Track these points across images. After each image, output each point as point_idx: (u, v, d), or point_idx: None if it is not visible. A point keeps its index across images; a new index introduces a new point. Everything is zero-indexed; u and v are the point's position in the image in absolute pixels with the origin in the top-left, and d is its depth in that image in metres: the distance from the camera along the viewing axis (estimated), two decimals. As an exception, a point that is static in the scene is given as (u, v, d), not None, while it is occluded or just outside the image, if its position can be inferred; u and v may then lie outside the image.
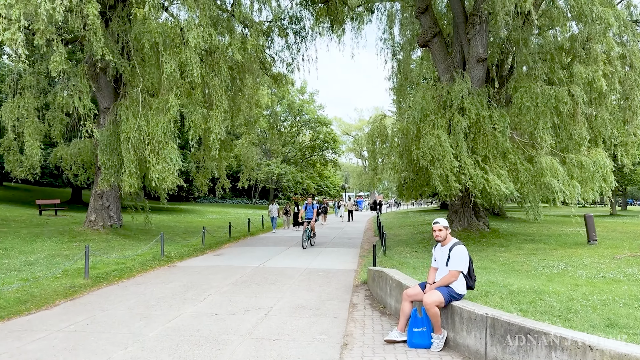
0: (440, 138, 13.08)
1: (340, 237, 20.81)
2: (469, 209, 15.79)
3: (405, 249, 14.80)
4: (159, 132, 14.22)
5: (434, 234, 5.98)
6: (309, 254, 14.58)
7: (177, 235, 18.83)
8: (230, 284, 9.61)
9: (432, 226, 6.05)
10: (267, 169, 45.43)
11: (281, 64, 23.43)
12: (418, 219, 32.84)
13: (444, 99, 14.37)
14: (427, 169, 14.07)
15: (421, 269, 10.68)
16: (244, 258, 13.68)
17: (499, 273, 9.44)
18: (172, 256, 13.56)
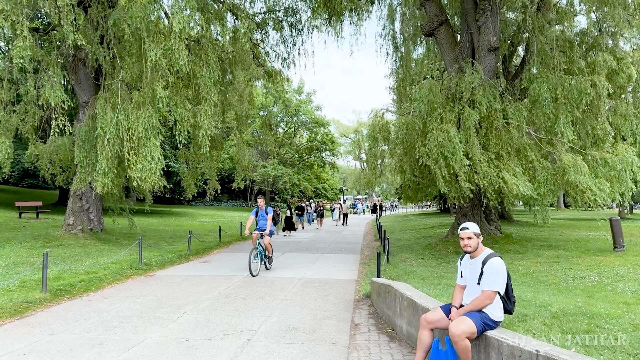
0: (450, 133, 11.80)
1: (339, 241, 19.49)
2: (479, 211, 14.49)
3: (410, 255, 13.49)
4: (140, 127, 12.93)
5: (462, 243, 4.66)
6: (303, 261, 13.26)
7: (163, 240, 17.48)
8: (211, 299, 8.27)
9: (460, 233, 4.72)
10: (263, 170, 44.08)
11: (276, 59, 22.09)
12: (419, 222, 31.54)
13: (453, 91, 13.10)
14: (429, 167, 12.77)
15: (431, 279, 9.38)
16: (232, 266, 12.35)
17: (525, 286, 8.12)
18: (152, 264, 12.21)
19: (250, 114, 16.68)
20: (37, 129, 15.66)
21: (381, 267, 11.38)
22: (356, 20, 22.37)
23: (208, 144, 13.21)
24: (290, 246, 17.28)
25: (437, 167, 12.12)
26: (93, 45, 14.10)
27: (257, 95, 25.23)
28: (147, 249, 14.45)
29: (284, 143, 50.45)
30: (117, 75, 14.09)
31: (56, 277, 9.75)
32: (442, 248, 13.70)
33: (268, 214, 11.95)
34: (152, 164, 12.55)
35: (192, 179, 18.42)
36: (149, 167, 12.55)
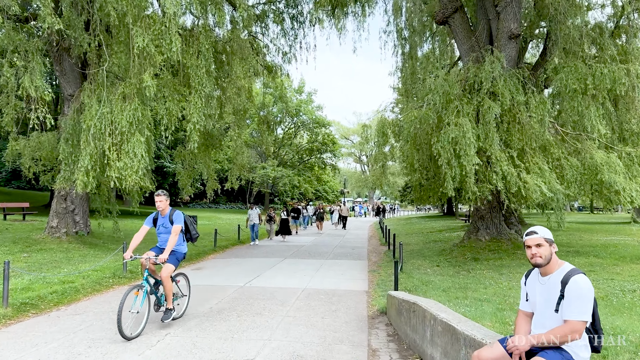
0: (464, 128, 10.61)
1: (343, 246, 18.28)
2: (498, 214, 13.29)
3: (423, 262, 12.28)
4: (124, 121, 11.77)
5: (529, 253, 3.43)
6: (307, 268, 12.05)
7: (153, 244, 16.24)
8: (201, 315, 7.07)
9: (525, 240, 3.49)
10: (262, 172, 42.87)
11: (276, 53, 20.95)
12: (424, 225, 30.35)
13: (471, 82, 11.94)
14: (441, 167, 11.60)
15: (453, 291, 8.19)
16: (227, 274, 11.14)
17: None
18: (138, 271, 10.99)
19: (248, 108, 15.54)
20: (17, 123, 14.45)
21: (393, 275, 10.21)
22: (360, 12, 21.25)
23: (196, 139, 12.02)
24: (291, 251, 16.08)
25: (447, 167, 10.94)
26: (77, 31, 12.93)
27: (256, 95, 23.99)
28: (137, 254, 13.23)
29: (284, 144, 49.27)
30: (103, 65, 12.94)
31: (26, 287, 8.55)
32: (458, 254, 12.51)
33: (175, 223, 6.47)
34: (134, 161, 11.36)
35: (188, 179, 17.22)
36: (130, 164, 11.35)
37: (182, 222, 6.60)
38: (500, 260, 11.44)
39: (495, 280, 9.28)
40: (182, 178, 17.22)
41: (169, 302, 6.41)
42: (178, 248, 6.68)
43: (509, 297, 7.66)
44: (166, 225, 6.65)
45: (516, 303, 7.08)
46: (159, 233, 6.84)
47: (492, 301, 7.26)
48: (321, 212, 27.92)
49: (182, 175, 17.19)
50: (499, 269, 10.50)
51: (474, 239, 13.30)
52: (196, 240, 7.12)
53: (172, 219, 6.56)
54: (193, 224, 7.09)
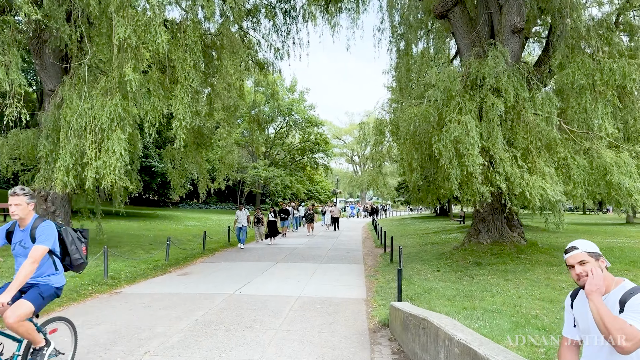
0: (467, 126, 10.05)
1: (336, 248, 17.66)
2: (500, 217, 12.75)
3: (422, 267, 11.69)
4: (104, 117, 11.05)
5: (573, 274, 2.76)
6: (300, 273, 11.42)
7: (141, 247, 15.52)
8: (184, 329, 6.40)
9: (566, 258, 2.82)
10: (253, 172, 42.14)
11: (268, 49, 20.29)
12: (418, 226, 29.85)
13: (473, 77, 11.37)
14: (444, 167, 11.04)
15: (459, 300, 7.60)
16: (215, 280, 10.47)
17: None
18: (120, 277, 10.30)
19: (239, 105, 14.88)
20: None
21: (394, 282, 9.60)
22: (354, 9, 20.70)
23: (183, 136, 11.31)
24: (283, 254, 15.42)
25: (450, 167, 10.36)
26: (58, 22, 12.18)
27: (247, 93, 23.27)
28: (119, 259, 12.53)
29: (276, 143, 48.59)
30: (84, 58, 12.21)
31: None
32: (460, 258, 11.93)
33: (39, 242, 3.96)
34: (113, 159, 10.64)
35: (180, 179, 16.50)
36: (108, 163, 10.64)
37: (51, 241, 4.04)
38: (504, 265, 10.88)
39: (502, 288, 8.70)
40: (174, 178, 16.48)
41: (37, 341, 4.06)
42: (47, 280, 4.17)
43: (521, 307, 7.08)
44: (25, 244, 4.04)
45: (531, 315, 6.50)
46: (16, 255, 4.10)
47: (504, 313, 6.67)
48: (312, 213, 26.16)
49: (174, 175, 16.46)
50: (503, 275, 9.93)
51: (474, 242, 12.74)
52: (82, 269, 4.62)
53: (35, 234, 4.02)
54: (77, 242, 4.53)
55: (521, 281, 9.22)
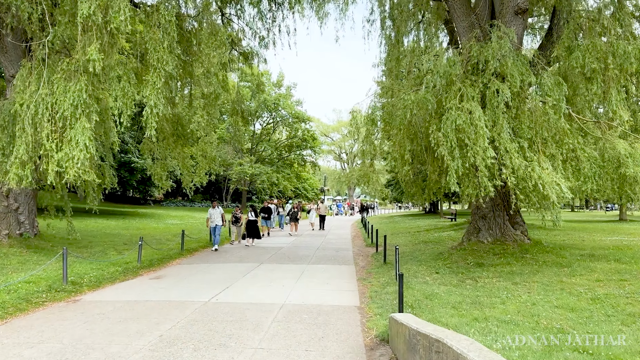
0: (473, 114, 9.12)
1: (325, 247, 16.63)
2: (502, 213, 11.81)
3: (419, 268, 10.71)
4: (67, 103, 9.88)
5: None
6: (285, 276, 10.38)
7: (114, 248, 14.34)
8: (144, 348, 5.32)
9: None
10: (239, 168, 40.88)
11: (253, 37, 19.13)
12: (408, 224, 28.96)
13: (474, 61, 10.41)
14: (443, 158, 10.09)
15: (467, 308, 6.65)
16: (190, 284, 9.38)
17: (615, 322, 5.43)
18: (82, 282, 9.16)
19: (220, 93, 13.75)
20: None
21: (390, 285, 8.61)
22: (342, 0, 19.65)
23: (154, 125, 10.18)
24: (268, 254, 14.36)
25: (450, 158, 9.39)
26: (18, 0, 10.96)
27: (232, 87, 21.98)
28: (85, 261, 11.38)
29: (262, 139, 47.37)
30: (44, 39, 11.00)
31: None
32: (459, 259, 10.98)
33: None
34: (76, 151, 9.49)
35: (162, 171, 15.26)
36: (71, 155, 9.48)
37: None
38: (508, 266, 9.95)
39: (511, 293, 7.76)
40: (156, 171, 15.23)
41: None
42: None
43: (540, 317, 6.13)
44: None
45: (556, 328, 5.55)
46: None
47: (522, 325, 5.71)
48: (296, 212, 23.40)
49: (155, 169, 15.20)
50: (510, 277, 9.00)
51: (474, 241, 11.81)
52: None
53: None
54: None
55: (531, 285, 8.29)
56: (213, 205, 15.95)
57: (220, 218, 15.61)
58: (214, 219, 15.61)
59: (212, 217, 15.62)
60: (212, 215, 15.66)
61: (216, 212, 15.64)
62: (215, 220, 15.58)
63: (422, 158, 11.58)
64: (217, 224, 15.54)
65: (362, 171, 12.03)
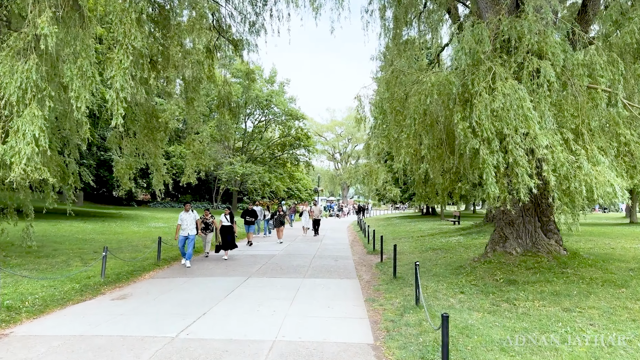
0: (518, 93, 7.37)
1: (322, 255, 14.83)
2: (532, 219, 10.07)
3: (438, 286, 8.92)
4: (13, 86, 8.06)
5: None
6: (277, 296, 8.56)
7: (80, 257, 12.44)
8: None
9: None
10: (229, 168, 38.98)
11: (242, 22, 17.28)
12: (409, 227, 27.20)
13: (505, 37, 8.65)
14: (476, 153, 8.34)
15: (519, 350, 4.89)
16: (159, 309, 7.53)
17: None
18: (22, 307, 7.29)
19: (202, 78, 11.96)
20: None
21: (409, 312, 6.83)
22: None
23: (121, 112, 8.32)
24: (258, 265, 12.53)
25: (487, 153, 7.64)
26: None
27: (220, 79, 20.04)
28: (39, 276, 9.48)
29: (254, 138, 45.46)
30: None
31: None
32: (485, 274, 9.22)
33: None
34: (22, 144, 7.66)
35: (127, 170, 13.35)
36: (17, 148, 7.66)
37: None
38: (549, 284, 8.20)
39: (568, 325, 6.01)
40: (120, 169, 13.27)
41: None
42: None
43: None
44: None
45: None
46: None
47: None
48: (281, 215, 20.00)
49: (120, 166, 13.25)
50: (556, 300, 7.26)
51: (500, 252, 10.06)
52: None
53: None
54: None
55: (589, 312, 6.55)
56: (186, 209, 12.65)
57: (194, 225, 12.56)
58: (185, 226, 12.39)
59: (184, 223, 12.42)
60: (183, 222, 12.44)
61: (189, 218, 12.51)
62: (187, 227, 12.39)
63: (439, 152, 9.81)
64: (190, 233, 12.34)
65: (368, 167, 10.22)
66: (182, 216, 12.46)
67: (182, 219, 12.44)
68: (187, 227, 12.34)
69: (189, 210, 12.59)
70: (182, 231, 12.32)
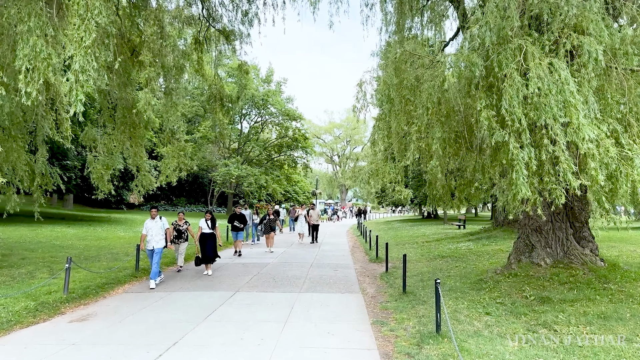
0: (559, 73, 6.08)
1: (320, 263, 13.48)
2: (564, 225, 8.74)
3: (458, 304, 7.57)
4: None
5: None
6: (267, 317, 7.22)
7: (49, 267, 11.08)
8: None
9: None
10: (224, 170, 37.58)
11: (234, 11, 15.99)
12: (412, 231, 25.83)
13: (534, 12, 7.34)
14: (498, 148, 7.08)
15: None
16: (123, 336, 6.18)
17: None
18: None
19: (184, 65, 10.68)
20: None
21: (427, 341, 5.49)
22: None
23: (81, 98, 6.96)
24: (248, 276, 11.18)
25: (516, 146, 6.35)
26: None
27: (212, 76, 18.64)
28: None
29: (250, 139, 44.09)
30: None
31: None
32: (512, 289, 7.88)
33: None
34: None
35: (105, 170, 11.95)
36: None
37: None
38: (592, 303, 6.87)
39: None
40: (95, 169, 11.85)
41: None
42: None
43: None
44: None
45: None
46: None
47: None
48: (271, 220, 17.16)
49: (95, 166, 11.82)
50: (607, 326, 5.94)
51: (527, 263, 8.72)
52: None
53: None
54: None
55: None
56: (152, 215, 10.15)
57: (162, 236, 10.09)
58: (152, 236, 9.98)
59: (150, 233, 9.99)
60: (149, 231, 9.99)
61: (156, 227, 10.02)
62: (153, 239, 9.97)
63: (455, 148, 8.49)
64: (156, 245, 9.92)
65: (374, 165, 8.88)
66: (147, 224, 10.08)
67: (147, 227, 10.05)
68: (153, 237, 9.95)
69: (156, 218, 10.14)
70: (147, 243, 10.01)
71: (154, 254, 9.85)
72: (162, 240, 10.05)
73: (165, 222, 10.26)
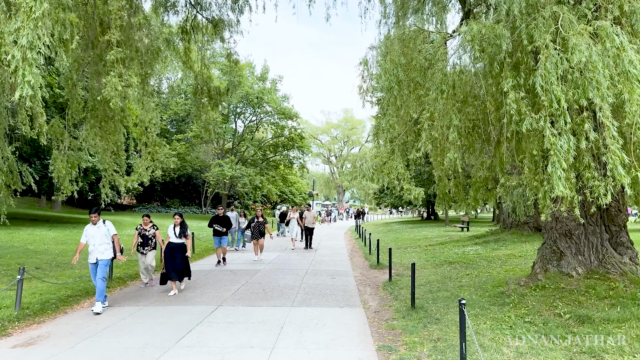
0: (612, 41, 4.93)
1: (316, 270, 12.28)
2: (598, 229, 7.56)
3: (479, 323, 6.35)
4: None
5: None
6: (251, 341, 6.01)
7: (12, 275, 9.81)
8: None
9: None
10: (217, 170, 36.36)
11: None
12: (413, 234, 24.63)
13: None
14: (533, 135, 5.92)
15: None
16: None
17: None
18: None
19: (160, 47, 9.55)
20: None
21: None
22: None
23: (30, 80, 5.76)
24: (235, 285, 9.98)
25: (554, 133, 5.20)
26: None
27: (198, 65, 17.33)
28: None
29: (245, 138, 42.89)
30: None
31: None
32: (541, 305, 6.70)
33: None
34: None
35: (67, 169, 10.68)
36: None
37: None
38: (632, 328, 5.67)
39: None
40: (58, 167, 10.48)
41: None
42: None
43: None
44: None
45: None
46: None
47: None
48: (260, 223, 14.54)
49: (58, 163, 10.46)
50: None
51: (555, 273, 7.53)
52: None
53: None
54: None
55: None
56: (92, 220, 7.87)
57: (109, 245, 7.96)
58: (94, 245, 7.83)
59: (92, 242, 7.85)
60: (90, 239, 7.86)
61: (99, 234, 7.85)
62: (96, 249, 7.82)
63: (473, 138, 7.32)
64: (101, 257, 7.78)
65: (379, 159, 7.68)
66: (87, 231, 7.90)
67: (87, 235, 7.88)
68: (96, 247, 7.80)
69: (98, 223, 7.93)
70: (89, 254, 7.88)
71: (98, 267, 7.74)
72: (108, 250, 7.90)
73: (111, 227, 8.05)
